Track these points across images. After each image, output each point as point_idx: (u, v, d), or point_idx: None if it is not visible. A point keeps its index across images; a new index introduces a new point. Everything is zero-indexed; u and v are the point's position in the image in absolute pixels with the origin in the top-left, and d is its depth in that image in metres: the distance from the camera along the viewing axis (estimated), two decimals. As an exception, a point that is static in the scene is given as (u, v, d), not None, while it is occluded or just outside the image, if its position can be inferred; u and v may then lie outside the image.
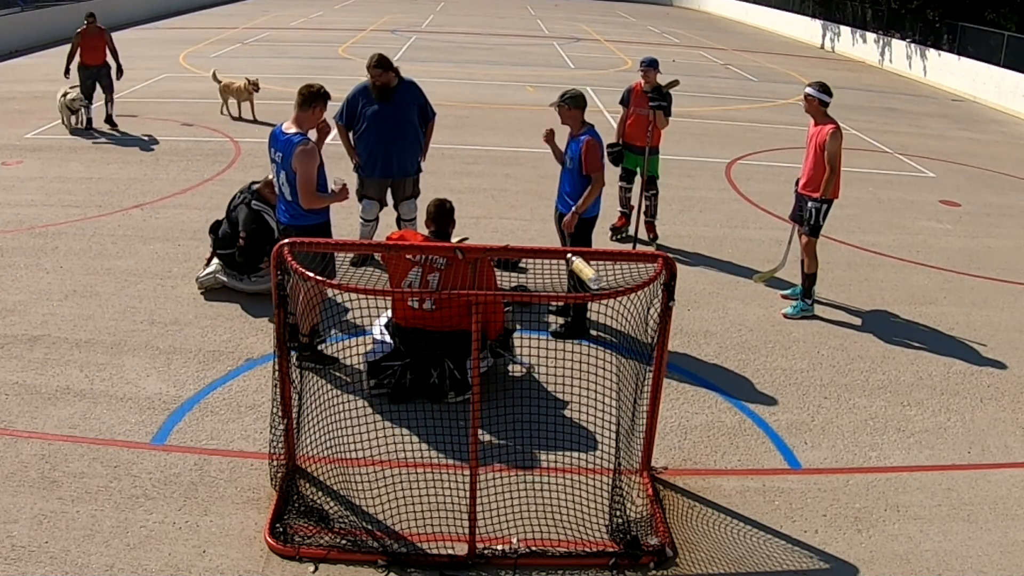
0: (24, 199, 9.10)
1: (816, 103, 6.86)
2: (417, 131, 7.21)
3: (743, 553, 4.36)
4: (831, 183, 6.81)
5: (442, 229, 5.55)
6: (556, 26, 30.74)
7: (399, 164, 7.15)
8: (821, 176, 6.83)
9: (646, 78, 8.12)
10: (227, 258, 6.94)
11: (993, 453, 5.43)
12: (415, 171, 7.32)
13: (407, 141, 7.12)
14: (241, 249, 6.82)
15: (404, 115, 7.07)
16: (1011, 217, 10.58)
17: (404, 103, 7.08)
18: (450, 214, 5.57)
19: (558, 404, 5.12)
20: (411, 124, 7.13)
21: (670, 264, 4.19)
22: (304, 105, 5.34)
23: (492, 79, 17.62)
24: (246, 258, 6.86)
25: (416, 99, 7.18)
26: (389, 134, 7.03)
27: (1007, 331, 7.21)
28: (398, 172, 7.19)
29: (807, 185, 6.99)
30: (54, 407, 5.30)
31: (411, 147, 7.18)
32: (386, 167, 7.13)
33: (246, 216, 6.85)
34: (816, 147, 6.86)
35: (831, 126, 6.77)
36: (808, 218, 6.97)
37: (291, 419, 4.50)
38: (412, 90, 7.17)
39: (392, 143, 7.05)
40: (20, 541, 4.14)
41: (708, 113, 15.69)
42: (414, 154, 7.25)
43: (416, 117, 7.16)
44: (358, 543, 4.21)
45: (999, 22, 21.96)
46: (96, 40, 12.02)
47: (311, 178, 5.31)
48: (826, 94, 6.86)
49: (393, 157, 7.10)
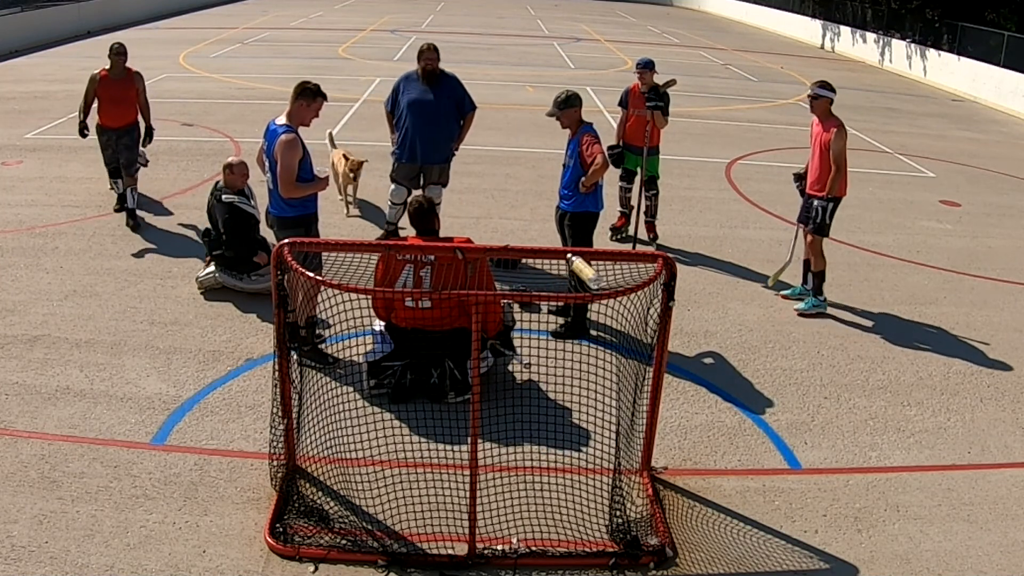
0: (24, 199, 9.10)
1: (827, 103, 6.86)
2: (451, 121, 7.54)
3: (743, 553, 4.36)
4: (837, 181, 6.82)
5: (428, 228, 5.51)
6: (556, 26, 30.74)
7: (431, 150, 7.48)
8: (825, 175, 6.84)
9: (643, 79, 8.14)
10: (221, 259, 6.95)
11: (993, 453, 5.43)
12: (444, 159, 7.62)
13: (440, 128, 7.46)
14: (226, 243, 6.87)
15: (440, 104, 7.42)
16: (1011, 217, 10.58)
17: (443, 93, 7.43)
18: (429, 213, 5.51)
19: (558, 404, 5.12)
20: (446, 114, 7.47)
21: (670, 264, 4.19)
22: (293, 99, 5.51)
23: (492, 79, 17.62)
24: (234, 250, 6.87)
25: (455, 91, 7.54)
26: (423, 121, 7.37)
27: (1007, 331, 7.21)
28: (428, 158, 7.51)
29: (814, 184, 7.00)
30: (54, 407, 5.30)
31: (444, 135, 7.51)
32: (415, 152, 7.46)
33: (221, 211, 6.91)
34: (822, 146, 6.87)
35: (835, 125, 6.77)
36: (814, 217, 6.98)
37: (291, 419, 4.50)
38: (453, 82, 7.54)
39: (425, 130, 7.38)
40: (20, 541, 4.14)
41: (708, 113, 15.68)
42: (446, 142, 7.57)
43: (453, 108, 7.51)
44: (358, 543, 4.21)
45: (999, 22, 21.96)
46: (121, 89, 8.07)
47: (289, 168, 5.46)
48: (832, 91, 6.89)
49: (426, 143, 7.42)
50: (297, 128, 5.52)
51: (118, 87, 8.05)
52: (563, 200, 6.53)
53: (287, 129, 5.47)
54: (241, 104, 14.16)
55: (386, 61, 19.47)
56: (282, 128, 5.48)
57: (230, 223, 6.86)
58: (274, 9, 31.28)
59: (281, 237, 5.03)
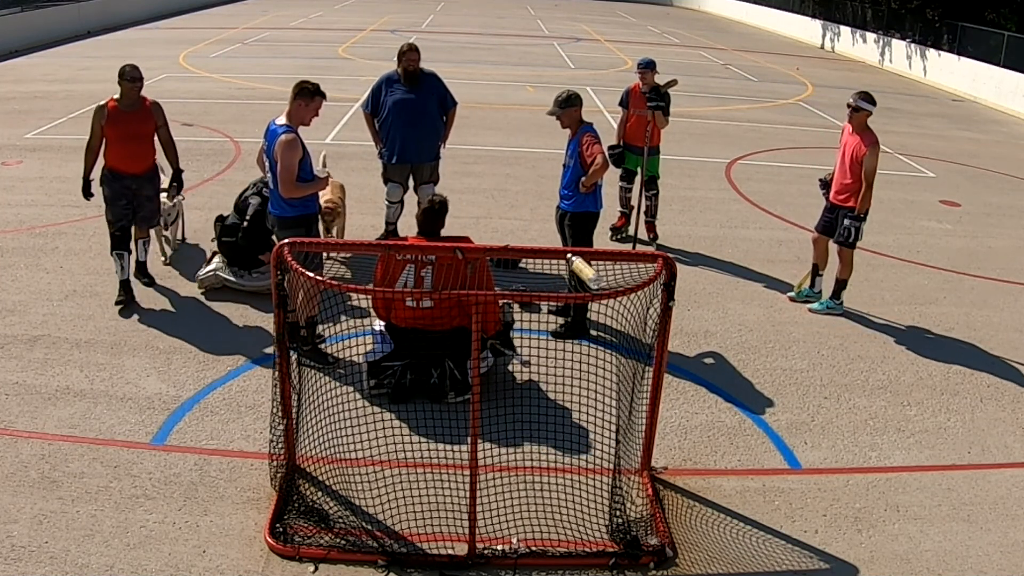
0: (24, 199, 9.10)
1: (865, 116, 6.77)
2: (436, 119, 7.54)
3: (743, 553, 4.36)
4: (868, 198, 6.79)
5: (434, 229, 5.50)
6: (556, 26, 30.73)
7: (418, 150, 7.47)
8: (853, 187, 6.81)
9: (643, 79, 8.14)
10: (230, 246, 6.92)
11: (993, 453, 5.43)
12: (433, 157, 7.61)
13: (426, 128, 7.44)
14: (245, 231, 6.83)
15: (424, 104, 7.40)
16: (1011, 217, 10.58)
17: (425, 92, 7.42)
18: (441, 215, 5.46)
19: (558, 404, 5.12)
20: (430, 112, 7.46)
21: (670, 264, 4.19)
22: (292, 99, 5.51)
23: (492, 79, 17.61)
24: (248, 241, 6.83)
25: (437, 89, 7.53)
26: (409, 122, 7.36)
27: (1007, 331, 7.21)
28: (417, 158, 7.50)
29: (839, 194, 6.96)
30: (54, 407, 5.30)
31: (430, 134, 7.50)
32: (405, 153, 7.45)
33: (256, 202, 6.88)
34: (852, 158, 6.78)
35: (872, 142, 6.68)
36: (847, 237, 6.94)
37: (291, 419, 4.50)
38: (433, 80, 7.52)
39: (411, 130, 7.37)
40: (20, 541, 4.14)
41: (708, 113, 15.68)
42: (433, 141, 7.56)
43: (436, 106, 7.51)
44: (358, 543, 4.21)
45: (999, 22, 21.96)
46: (136, 124, 6.38)
47: (289, 168, 5.46)
48: (873, 104, 6.80)
49: (414, 143, 7.42)
50: (297, 128, 5.53)
51: (133, 122, 6.34)
52: (563, 200, 6.53)
53: (287, 129, 5.48)
54: (241, 104, 14.17)
55: (386, 61, 19.36)
56: (282, 128, 5.49)
57: (259, 216, 6.75)
58: (274, 9, 31.27)
59: (281, 237, 5.04)
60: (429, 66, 7.62)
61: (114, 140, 6.35)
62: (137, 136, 6.40)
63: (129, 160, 6.41)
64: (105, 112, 6.28)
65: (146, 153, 6.54)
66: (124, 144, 6.36)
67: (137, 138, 6.41)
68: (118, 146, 6.36)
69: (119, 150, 6.37)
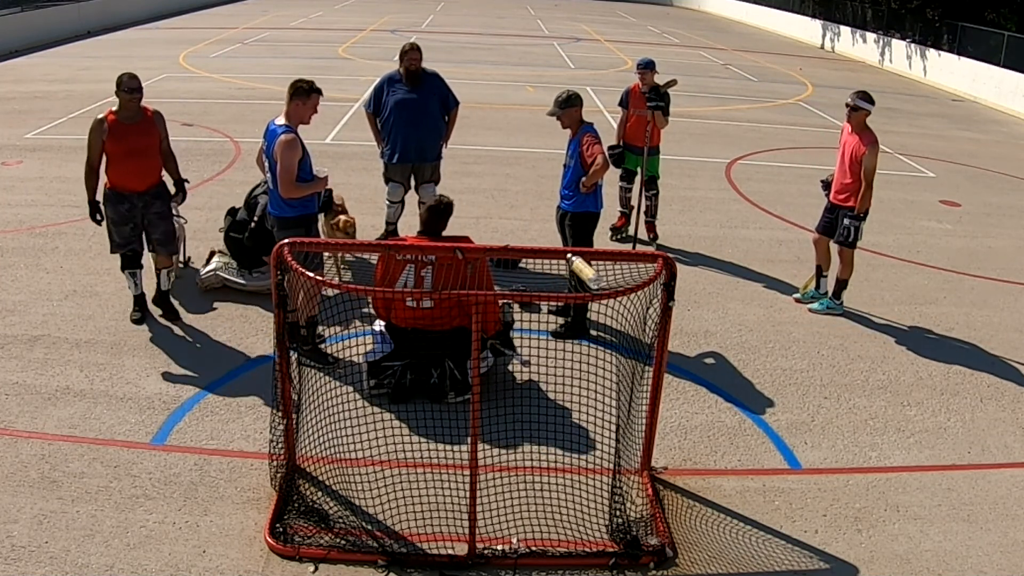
0: (24, 199, 9.10)
1: (864, 115, 6.77)
2: (437, 119, 7.54)
3: (743, 553, 4.36)
4: (868, 197, 6.79)
5: (436, 228, 5.50)
6: (556, 26, 30.73)
7: (421, 150, 7.47)
8: (852, 186, 6.81)
9: (643, 79, 8.14)
10: (236, 243, 6.93)
11: (993, 453, 5.43)
12: (434, 157, 7.62)
13: (427, 128, 7.45)
14: (252, 232, 6.82)
15: (426, 103, 7.40)
16: (1011, 217, 10.58)
17: (427, 92, 7.43)
18: (445, 215, 5.45)
19: (558, 404, 5.12)
20: (432, 112, 7.47)
21: (670, 264, 4.19)
22: (288, 99, 5.51)
23: (492, 79, 17.62)
24: (255, 241, 6.82)
25: (439, 89, 7.53)
26: (410, 121, 7.37)
27: (1007, 331, 7.21)
28: (418, 158, 7.51)
29: (839, 194, 6.97)
30: (54, 407, 5.30)
31: (431, 134, 7.51)
32: (407, 152, 7.45)
33: (265, 202, 6.85)
34: (851, 157, 6.79)
35: (871, 141, 6.69)
36: (847, 236, 6.95)
37: (291, 419, 4.50)
38: (435, 80, 7.52)
39: (413, 130, 7.38)
40: (20, 541, 4.14)
41: (708, 113, 15.68)
42: (434, 141, 7.57)
43: (438, 106, 7.52)
44: (358, 543, 4.21)
45: (999, 22, 21.96)
46: (138, 138, 5.92)
47: (289, 168, 5.46)
48: (872, 103, 6.80)
49: (416, 143, 7.42)
50: (297, 127, 5.53)
51: (135, 135, 5.87)
52: (564, 200, 6.53)
53: (286, 129, 5.48)
54: (241, 104, 14.17)
55: (386, 61, 19.41)
56: (281, 128, 5.49)
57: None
58: (274, 9, 31.27)
59: (281, 237, 5.03)
60: (429, 66, 7.62)
61: (117, 157, 5.86)
62: (141, 150, 5.93)
63: (134, 177, 5.93)
64: (105, 126, 5.78)
65: (152, 168, 6.05)
66: (128, 160, 5.88)
67: (142, 153, 5.93)
68: (121, 163, 5.88)
69: (123, 167, 5.90)
